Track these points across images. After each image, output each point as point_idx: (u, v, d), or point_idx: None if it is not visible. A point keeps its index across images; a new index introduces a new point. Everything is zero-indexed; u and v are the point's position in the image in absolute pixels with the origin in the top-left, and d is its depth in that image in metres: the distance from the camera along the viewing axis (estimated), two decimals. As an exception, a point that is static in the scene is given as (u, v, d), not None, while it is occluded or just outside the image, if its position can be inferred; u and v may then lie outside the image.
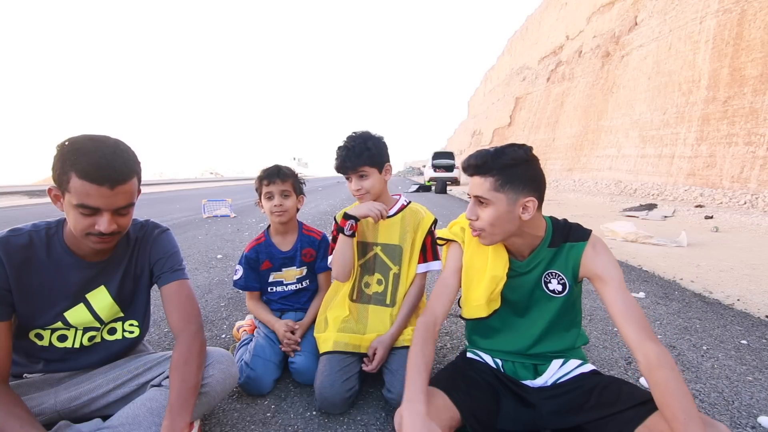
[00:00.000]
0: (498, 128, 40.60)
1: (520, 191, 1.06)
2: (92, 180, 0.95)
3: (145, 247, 1.24)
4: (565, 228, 1.20)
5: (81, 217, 0.99)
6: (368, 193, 1.54)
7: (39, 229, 1.10)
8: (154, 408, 1.07)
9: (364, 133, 1.56)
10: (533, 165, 1.08)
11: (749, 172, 10.54)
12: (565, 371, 1.21)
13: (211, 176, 70.01)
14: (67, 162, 0.95)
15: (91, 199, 0.96)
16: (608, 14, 21.56)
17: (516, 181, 1.05)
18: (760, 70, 10.81)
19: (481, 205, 1.10)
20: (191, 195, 15.40)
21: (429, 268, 1.63)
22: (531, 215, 1.08)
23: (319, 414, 1.44)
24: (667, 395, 0.87)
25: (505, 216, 1.07)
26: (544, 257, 1.19)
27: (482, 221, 1.09)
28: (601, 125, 19.09)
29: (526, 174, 1.06)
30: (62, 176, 0.97)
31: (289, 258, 1.84)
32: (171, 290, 1.22)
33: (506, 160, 1.05)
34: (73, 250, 1.12)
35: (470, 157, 1.11)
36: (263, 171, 1.78)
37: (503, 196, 1.06)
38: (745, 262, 3.95)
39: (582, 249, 1.14)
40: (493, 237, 1.11)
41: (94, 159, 0.95)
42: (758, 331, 2.25)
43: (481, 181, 1.08)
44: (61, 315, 1.13)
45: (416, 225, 1.61)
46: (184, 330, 1.16)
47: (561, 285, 1.18)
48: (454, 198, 13.42)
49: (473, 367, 1.25)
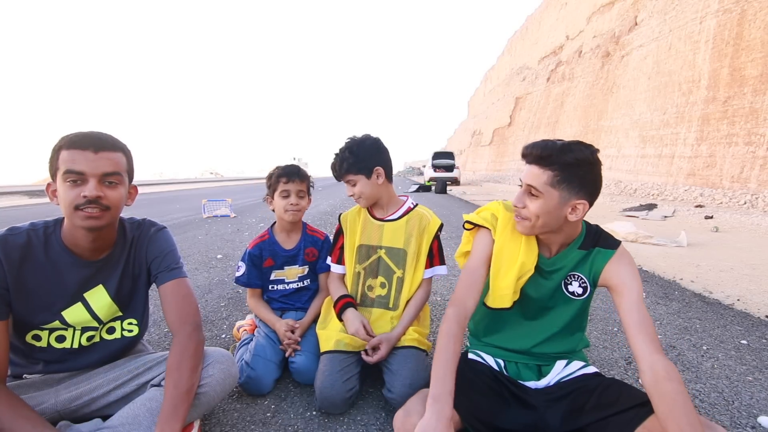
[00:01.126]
0: (498, 128, 40.60)
1: (575, 193, 1.03)
2: (76, 146, 1.02)
3: (142, 246, 1.24)
4: (597, 233, 1.19)
5: (68, 188, 1.02)
6: (361, 198, 1.58)
7: (37, 228, 1.10)
8: (154, 408, 1.07)
9: (359, 139, 1.57)
10: (595, 169, 1.05)
11: (749, 172, 10.55)
12: (568, 372, 1.21)
13: (211, 176, 70.00)
14: (57, 145, 1.04)
15: (76, 164, 1.01)
16: (608, 14, 21.57)
17: (574, 182, 1.02)
18: (760, 70, 10.81)
19: (530, 196, 1.07)
20: (191, 195, 15.39)
21: (435, 272, 1.63)
22: (578, 218, 1.06)
23: (319, 414, 1.44)
24: (674, 408, 0.87)
25: (552, 212, 1.05)
26: (572, 258, 1.17)
27: (529, 211, 1.07)
28: (601, 125, 19.10)
29: (586, 177, 1.03)
30: (54, 162, 1.03)
31: (292, 256, 1.85)
32: (168, 289, 1.20)
33: (570, 158, 1.01)
34: (71, 248, 1.12)
35: (535, 145, 1.06)
36: (282, 168, 1.78)
37: (557, 193, 1.03)
38: (745, 262, 3.95)
39: (609, 257, 1.13)
40: (533, 229, 1.09)
41: (82, 133, 1.05)
42: (758, 331, 2.25)
43: (539, 172, 1.04)
44: (59, 314, 1.12)
45: (422, 229, 1.60)
46: (180, 331, 1.14)
47: (582, 288, 1.17)
48: (454, 198, 13.42)
49: (474, 369, 1.24)
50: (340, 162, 1.55)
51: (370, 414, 1.44)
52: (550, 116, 26.63)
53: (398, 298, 1.60)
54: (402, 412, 1.04)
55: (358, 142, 1.56)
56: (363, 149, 1.55)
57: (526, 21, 41.76)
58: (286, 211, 1.75)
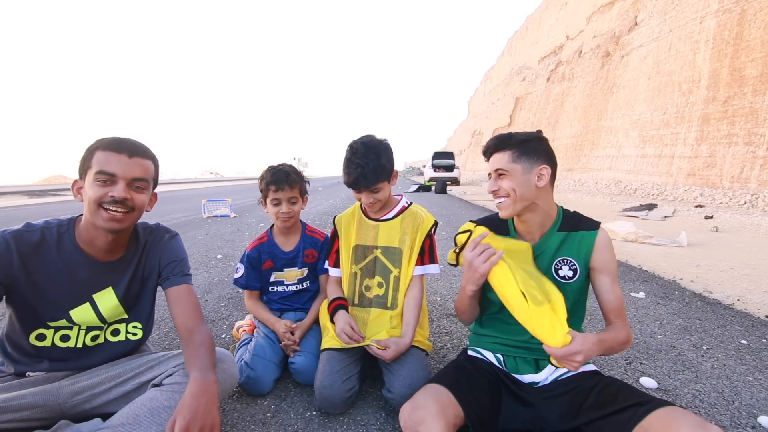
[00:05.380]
0: (498, 128, 40.60)
1: (535, 161, 1.19)
2: (112, 149, 1.09)
3: (156, 250, 1.27)
4: (576, 217, 1.29)
5: (98, 186, 1.07)
6: (379, 202, 1.55)
7: (51, 227, 1.13)
8: (154, 408, 1.07)
9: (374, 145, 1.49)
10: (544, 142, 1.23)
11: (749, 172, 10.54)
12: (565, 369, 1.21)
13: (211, 176, 70.00)
14: (93, 146, 1.09)
15: (109, 166, 1.07)
16: (608, 14, 21.56)
17: (530, 153, 1.19)
18: (760, 70, 10.81)
19: (500, 178, 1.22)
20: (191, 195, 15.40)
21: (426, 271, 1.60)
22: (546, 182, 1.20)
23: (319, 414, 1.44)
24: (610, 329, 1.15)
25: (523, 183, 1.19)
26: (554, 241, 1.25)
27: (504, 189, 1.21)
28: (601, 125, 19.09)
29: (538, 148, 1.21)
30: (86, 161, 1.09)
31: (291, 258, 1.83)
32: (180, 292, 1.25)
33: (520, 137, 1.21)
34: (84, 248, 1.14)
35: (490, 141, 1.26)
36: (270, 174, 1.71)
37: (519, 167, 1.19)
38: (745, 262, 3.95)
39: (594, 237, 1.23)
40: (515, 205, 1.21)
41: (119, 138, 1.12)
42: (758, 331, 2.25)
43: (500, 156, 1.22)
44: (67, 313, 1.14)
45: (416, 227, 1.60)
46: (200, 324, 1.22)
47: (572, 271, 1.23)
48: (454, 198, 13.42)
49: (475, 366, 1.25)
50: (375, 170, 1.45)
51: (370, 414, 1.44)
52: (550, 116, 26.62)
53: (396, 297, 1.59)
54: (409, 405, 1.05)
55: (382, 148, 1.49)
56: (389, 156, 1.50)
57: (526, 21, 41.75)
58: (278, 219, 1.75)
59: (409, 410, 1.03)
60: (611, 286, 1.21)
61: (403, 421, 1.03)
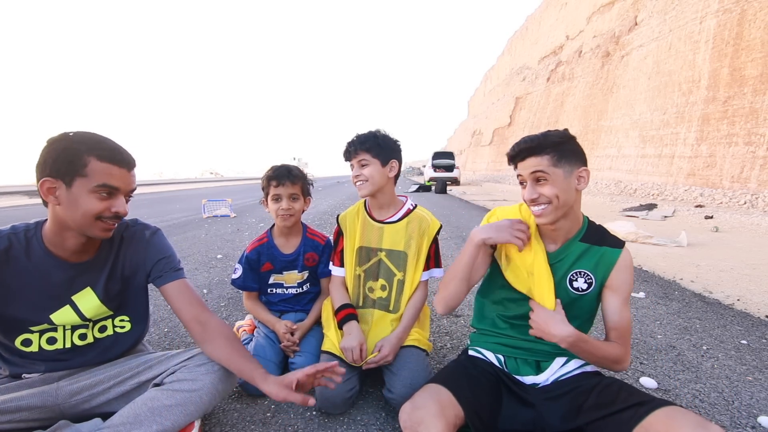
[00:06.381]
0: (498, 128, 40.60)
1: (574, 163, 1.13)
2: (115, 162, 1.04)
3: (138, 248, 1.24)
4: (600, 231, 1.24)
5: (97, 200, 1.03)
6: (367, 182, 1.52)
7: (18, 232, 1.10)
8: (155, 407, 1.07)
9: (376, 130, 1.57)
10: (575, 141, 1.17)
11: (749, 172, 10.55)
12: (567, 369, 1.22)
13: (211, 176, 69.99)
14: (82, 149, 1.00)
15: (113, 180, 1.04)
16: (608, 14, 21.57)
17: (569, 156, 1.12)
18: (760, 70, 10.81)
19: (538, 183, 1.14)
20: (191, 195, 15.39)
21: (431, 275, 1.62)
22: (587, 184, 1.15)
23: (319, 414, 1.44)
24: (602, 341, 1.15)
25: (565, 188, 1.13)
26: (575, 251, 1.21)
27: (546, 196, 1.13)
28: (601, 125, 19.09)
29: (575, 149, 1.14)
30: (73, 166, 1.00)
31: (291, 261, 1.79)
32: (178, 287, 1.24)
33: (555, 138, 1.12)
34: (53, 251, 1.11)
35: (519, 143, 1.16)
36: (272, 170, 1.71)
37: (561, 171, 1.12)
38: (745, 262, 3.95)
39: (618, 255, 1.18)
40: (557, 211, 1.15)
41: (112, 145, 1.05)
42: (758, 331, 2.25)
43: (538, 160, 1.13)
44: (48, 317, 1.13)
45: (422, 232, 1.59)
46: (212, 316, 1.22)
47: (587, 284, 1.20)
48: (454, 198, 13.42)
49: (476, 365, 1.25)
50: (363, 139, 1.52)
51: (370, 414, 1.44)
52: (550, 116, 26.62)
53: (399, 300, 1.59)
54: (409, 405, 1.05)
55: (382, 132, 1.57)
56: (386, 139, 1.55)
57: (526, 21, 41.76)
58: (278, 216, 1.70)
59: (409, 410, 1.03)
60: (621, 307, 1.17)
61: (403, 421, 1.03)
